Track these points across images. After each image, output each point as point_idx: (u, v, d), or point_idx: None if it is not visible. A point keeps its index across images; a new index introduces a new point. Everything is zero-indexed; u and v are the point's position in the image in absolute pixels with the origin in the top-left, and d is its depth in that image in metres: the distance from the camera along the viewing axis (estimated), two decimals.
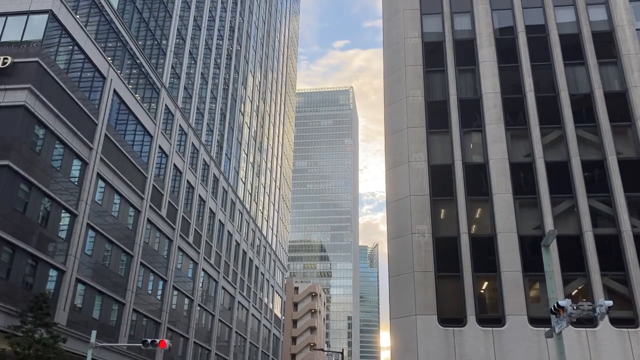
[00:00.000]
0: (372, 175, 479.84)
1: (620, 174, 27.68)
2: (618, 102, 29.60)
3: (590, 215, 27.28)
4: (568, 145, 28.87)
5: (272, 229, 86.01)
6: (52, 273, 31.38)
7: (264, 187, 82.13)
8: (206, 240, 54.97)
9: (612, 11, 31.91)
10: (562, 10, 32.66)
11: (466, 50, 32.30)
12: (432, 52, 32.58)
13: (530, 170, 28.81)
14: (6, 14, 31.75)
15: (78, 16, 34.18)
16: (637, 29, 31.24)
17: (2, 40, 31.20)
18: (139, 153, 42.05)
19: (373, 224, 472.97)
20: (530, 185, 28.57)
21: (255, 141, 77.38)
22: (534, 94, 30.28)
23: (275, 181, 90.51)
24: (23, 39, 31.09)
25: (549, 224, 27.10)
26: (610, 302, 17.10)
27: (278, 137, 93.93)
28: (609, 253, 26.73)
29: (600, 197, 27.83)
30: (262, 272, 77.22)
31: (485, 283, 27.61)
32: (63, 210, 32.25)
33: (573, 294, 26.38)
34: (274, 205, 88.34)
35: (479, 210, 28.88)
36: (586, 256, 26.56)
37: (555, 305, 17.97)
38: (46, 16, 31.31)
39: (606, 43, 31.33)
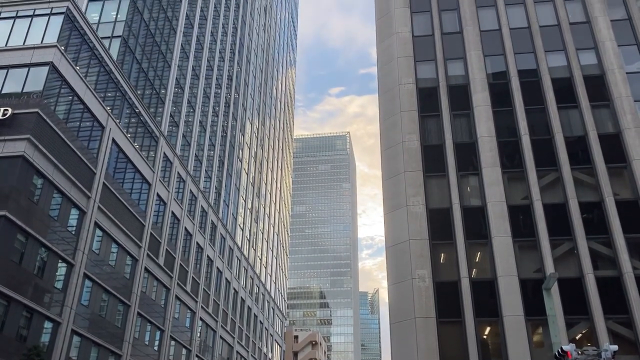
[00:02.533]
0: (370, 220, 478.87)
1: (619, 215, 27.68)
2: (612, 144, 29.88)
3: (591, 257, 27.12)
4: (565, 187, 28.98)
5: (270, 276, 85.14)
6: (48, 325, 30.84)
7: (262, 234, 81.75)
8: (204, 289, 54.31)
9: (601, 55, 32.60)
10: (553, 55, 33.36)
11: (460, 95, 32.80)
12: (427, 97, 33.07)
13: (528, 213, 28.81)
14: (8, 67, 32.28)
15: (78, 67, 34.77)
16: (627, 72, 31.85)
17: (3, 92, 31.61)
18: (137, 201, 42.03)
19: (373, 269, 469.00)
20: (529, 227, 28.51)
21: (254, 187, 77.53)
22: (529, 137, 30.58)
23: (274, 227, 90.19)
24: (24, 90, 31.52)
25: (549, 267, 26.90)
26: (615, 347, 16.85)
27: (276, 182, 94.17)
28: (611, 295, 26.44)
29: (599, 239, 27.72)
30: (260, 321, 75.99)
31: (488, 328, 27.18)
32: (60, 260, 31.96)
33: (577, 338, 25.95)
34: (272, 251, 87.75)
35: (478, 254, 28.72)
36: (588, 299, 26.25)
37: (559, 350, 17.65)
38: (47, 68, 31.84)
39: (598, 86, 31.87)
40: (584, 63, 32.78)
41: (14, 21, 34.79)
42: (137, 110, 42.68)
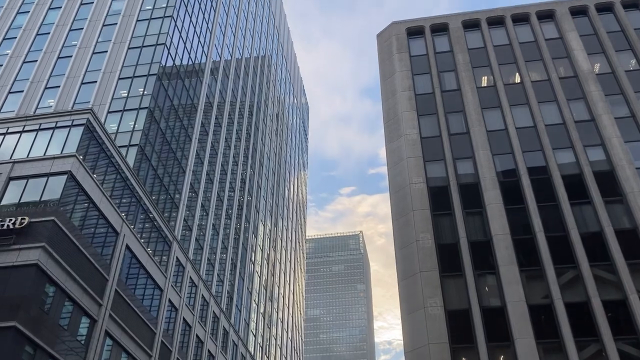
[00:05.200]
0: (387, 323, 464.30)
1: None
2: (630, 239, 29.43)
3: (620, 359, 25.80)
4: (586, 285, 28.20)
5: None
6: None
7: (275, 339, 79.32)
8: None
9: (609, 151, 32.97)
10: (561, 152, 33.80)
11: (471, 194, 32.95)
12: (438, 196, 33.25)
13: (550, 312, 27.87)
14: (28, 177, 33.17)
15: (95, 175, 35.65)
16: (637, 168, 32.02)
17: (21, 201, 32.25)
18: (149, 307, 41.34)
19: None
20: (551, 328, 27.45)
21: (266, 290, 76.31)
22: (544, 234, 30.26)
23: (287, 332, 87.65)
24: (42, 199, 32.15)
25: None
26: None
27: (289, 285, 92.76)
28: None
29: (627, 340, 26.52)
30: None
31: None
32: None
33: None
34: (286, 358, 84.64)
35: (501, 358, 27.46)
36: None
37: None
38: (65, 177, 32.67)
39: (609, 181, 31.95)
40: (592, 159, 33.10)
41: (37, 133, 36.24)
42: (151, 216, 43.15)
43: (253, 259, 70.87)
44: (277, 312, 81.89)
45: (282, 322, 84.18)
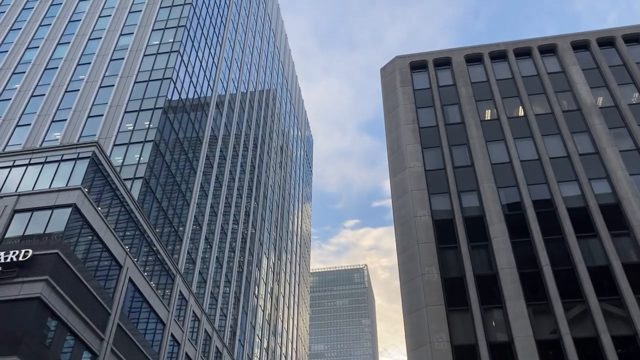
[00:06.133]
0: (392, 359, 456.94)
1: None
2: (638, 273, 29.05)
3: None
4: (594, 320, 27.74)
5: None
6: None
7: None
8: None
9: (614, 184, 32.85)
10: (566, 185, 33.69)
11: (477, 227, 32.75)
12: (444, 229, 33.05)
13: (558, 348, 27.35)
14: (33, 209, 33.21)
15: (100, 207, 35.68)
16: None
17: (25, 233, 32.22)
18: (151, 342, 40.81)
19: None
20: None
21: (270, 325, 75.37)
22: (550, 268, 29.94)
23: None
24: (46, 231, 32.12)
25: None
26: None
27: (293, 319, 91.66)
28: None
29: None
30: None
31: None
32: None
33: None
34: None
35: None
36: None
37: None
38: (69, 209, 32.70)
39: (615, 214, 31.74)
40: (597, 192, 32.96)
41: (43, 166, 36.46)
42: (154, 249, 42.98)
43: (256, 292, 70.24)
44: (281, 347, 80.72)
45: (285, 357, 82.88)
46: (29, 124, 50.62)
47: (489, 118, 38.44)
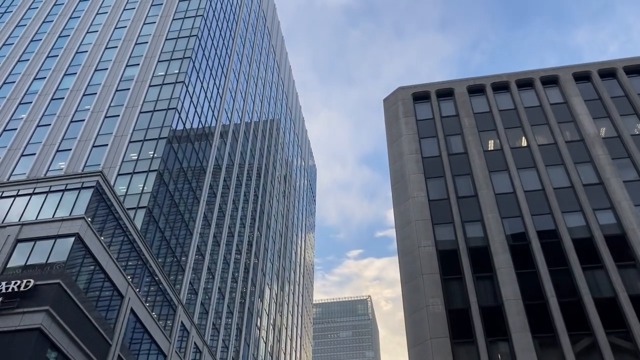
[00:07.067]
0: None
1: None
2: None
3: None
4: (602, 353, 27.25)
5: None
6: None
7: None
8: None
9: (619, 215, 32.66)
10: (570, 216, 33.51)
11: (481, 257, 32.49)
12: (448, 259, 32.79)
13: None
14: (35, 239, 33.16)
15: (103, 237, 35.60)
16: None
17: (27, 263, 32.09)
18: None
19: None
20: None
21: (272, 357, 74.31)
22: (556, 299, 29.57)
23: None
24: (48, 261, 31.99)
25: None
26: None
27: (296, 351, 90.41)
28: None
29: None
30: None
31: None
32: None
33: None
34: None
35: None
36: None
37: None
38: (72, 239, 32.62)
39: (620, 246, 31.47)
40: (602, 223, 32.76)
41: (46, 196, 36.54)
42: (157, 279, 42.72)
43: (259, 324, 69.48)
44: None
45: None
46: (34, 154, 50.95)
47: (492, 148, 38.52)
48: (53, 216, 34.75)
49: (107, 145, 49.83)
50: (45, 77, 60.59)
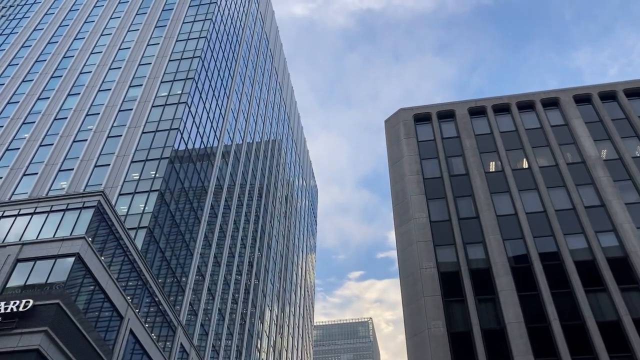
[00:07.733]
0: None
1: None
2: None
3: None
4: None
5: None
6: None
7: None
8: None
9: (622, 237, 32.52)
10: (572, 238, 33.37)
11: (483, 279, 32.29)
12: (449, 281, 32.58)
13: None
14: (36, 259, 33.06)
15: (103, 257, 35.49)
16: None
17: (27, 283, 31.94)
18: None
19: None
20: None
21: None
22: (559, 323, 29.30)
23: None
24: (48, 281, 31.84)
25: None
26: None
27: None
28: None
29: None
30: None
31: None
32: None
33: None
34: None
35: None
36: None
37: None
38: (73, 259, 32.52)
39: (623, 268, 31.28)
40: (605, 245, 32.61)
41: (47, 215, 36.52)
42: (156, 299, 42.46)
43: (259, 346, 68.83)
44: None
45: None
46: (36, 173, 51.04)
47: (493, 170, 38.54)
48: (54, 236, 34.69)
49: (109, 165, 49.94)
50: (48, 97, 61.00)
